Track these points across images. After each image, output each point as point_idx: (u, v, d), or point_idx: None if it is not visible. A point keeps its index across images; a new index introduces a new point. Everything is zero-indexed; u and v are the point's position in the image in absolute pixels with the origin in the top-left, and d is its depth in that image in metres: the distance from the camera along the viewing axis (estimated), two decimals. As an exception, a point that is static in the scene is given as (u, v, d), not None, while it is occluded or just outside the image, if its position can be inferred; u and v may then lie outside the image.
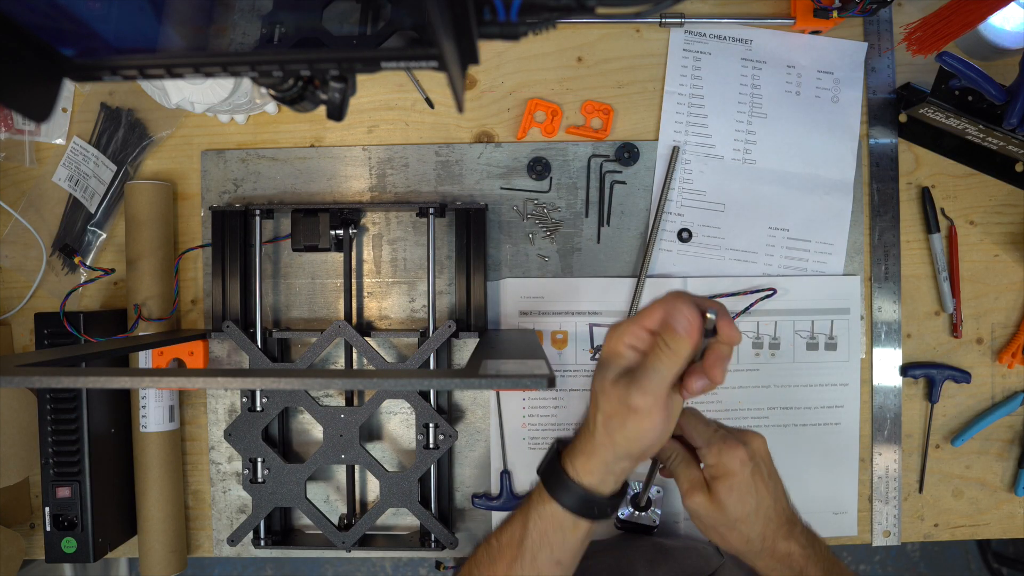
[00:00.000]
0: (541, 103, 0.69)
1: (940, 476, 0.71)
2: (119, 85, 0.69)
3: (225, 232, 0.66)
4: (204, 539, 0.71)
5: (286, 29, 0.35)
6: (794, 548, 0.48)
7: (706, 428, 0.49)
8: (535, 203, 0.69)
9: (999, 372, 0.70)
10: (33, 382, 0.37)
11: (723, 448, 0.48)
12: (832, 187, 0.69)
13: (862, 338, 0.69)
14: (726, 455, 0.47)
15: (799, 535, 0.49)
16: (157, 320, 0.66)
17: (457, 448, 0.70)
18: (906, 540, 0.70)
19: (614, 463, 0.44)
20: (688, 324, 0.41)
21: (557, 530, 0.46)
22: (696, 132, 0.69)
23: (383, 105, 0.70)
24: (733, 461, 0.47)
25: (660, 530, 0.65)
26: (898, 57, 0.69)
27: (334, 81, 0.29)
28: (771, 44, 0.68)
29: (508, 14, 0.25)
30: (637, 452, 0.44)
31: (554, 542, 0.46)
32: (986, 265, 0.70)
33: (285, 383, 0.36)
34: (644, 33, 0.69)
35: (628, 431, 0.43)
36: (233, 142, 0.70)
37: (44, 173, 0.69)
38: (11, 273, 0.70)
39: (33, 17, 0.24)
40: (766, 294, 0.68)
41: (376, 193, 0.69)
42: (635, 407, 0.42)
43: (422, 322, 0.70)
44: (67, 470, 0.62)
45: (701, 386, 0.43)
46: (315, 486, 0.70)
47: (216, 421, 0.70)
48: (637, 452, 0.44)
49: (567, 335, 0.69)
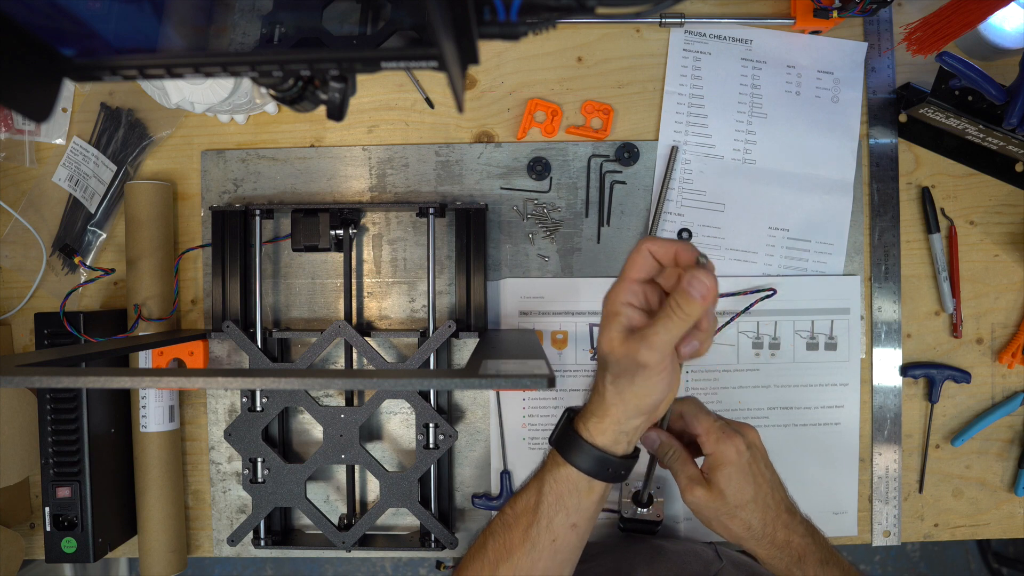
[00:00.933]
0: (541, 103, 0.69)
1: (940, 476, 0.71)
2: (119, 85, 0.69)
3: (225, 232, 0.66)
4: (204, 539, 0.71)
5: (286, 29, 0.35)
6: (794, 537, 0.50)
7: (707, 416, 0.51)
8: (535, 203, 0.69)
9: (999, 372, 0.70)
10: (33, 382, 0.37)
11: (721, 436, 0.49)
12: (832, 187, 0.69)
13: (862, 338, 0.69)
14: (724, 443, 0.49)
15: (798, 525, 0.51)
16: (157, 320, 0.66)
17: (457, 448, 0.70)
18: (906, 540, 0.70)
19: (625, 421, 0.46)
20: (705, 291, 0.42)
21: (572, 492, 0.47)
22: (696, 132, 0.69)
23: (383, 105, 0.70)
24: (730, 449, 0.49)
25: (660, 531, 0.65)
26: (898, 57, 0.69)
27: (334, 81, 0.29)
28: (771, 44, 0.68)
29: (508, 14, 0.25)
30: (647, 408, 0.45)
31: (569, 505, 0.47)
32: (986, 265, 0.70)
33: (285, 383, 0.36)
34: (644, 33, 0.69)
35: (637, 387, 0.44)
36: (233, 142, 0.70)
37: (44, 173, 0.69)
38: (11, 273, 0.70)
39: (33, 17, 0.24)
40: (766, 294, 0.68)
41: (376, 193, 0.69)
42: (644, 363, 0.43)
43: (422, 322, 0.70)
44: (67, 470, 0.62)
45: (691, 349, 0.44)
46: (315, 486, 0.70)
47: (216, 421, 0.70)
48: (647, 408, 0.45)
49: (567, 335, 0.69)
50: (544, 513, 0.47)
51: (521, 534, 0.48)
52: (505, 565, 0.48)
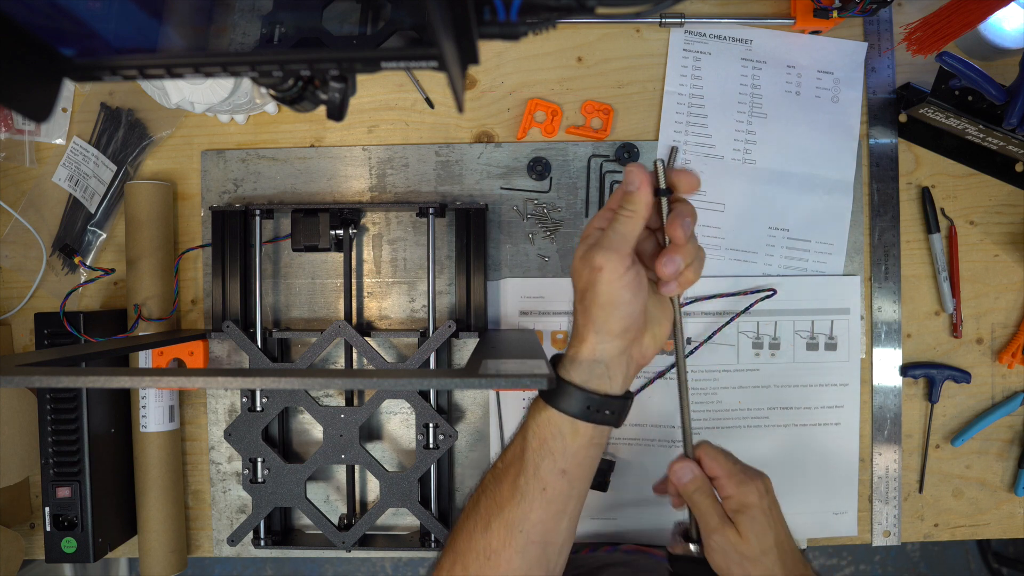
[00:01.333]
0: (541, 103, 0.69)
1: (940, 476, 0.71)
2: (119, 85, 0.69)
3: (225, 232, 0.66)
4: (204, 539, 0.71)
5: (286, 29, 0.35)
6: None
7: (726, 459, 0.48)
8: (535, 203, 0.69)
9: (999, 372, 0.70)
10: (33, 382, 0.37)
11: (743, 479, 0.47)
12: (832, 187, 0.69)
13: (862, 338, 0.69)
14: (746, 486, 0.47)
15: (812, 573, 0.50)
16: (157, 320, 0.66)
17: (457, 448, 0.70)
18: (906, 540, 0.70)
19: (598, 346, 0.44)
20: (637, 179, 0.42)
21: (556, 436, 0.45)
22: (696, 132, 0.69)
23: (383, 105, 0.70)
24: (752, 493, 0.47)
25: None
26: (898, 57, 0.69)
27: (334, 81, 0.29)
28: (771, 44, 0.68)
29: (508, 14, 0.25)
30: (616, 328, 0.43)
31: (555, 449, 0.45)
32: (986, 265, 0.70)
33: (285, 383, 0.36)
34: (644, 33, 0.69)
35: (600, 299, 0.43)
36: (233, 142, 0.70)
37: (44, 173, 0.69)
38: (11, 273, 0.70)
39: (33, 17, 0.24)
40: (766, 294, 0.68)
41: (376, 193, 0.69)
42: (598, 266, 0.42)
43: (422, 322, 0.70)
44: (67, 470, 0.62)
45: (672, 268, 0.43)
46: (315, 486, 0.70)
47: (216, 421, 0.70)
48: (616, 328, 0.43)
49: (567, 335, 0.69)
50: (530, 460, 0.45)
51: (510, 485, 0.46)
52: (497, 519, 0.46)
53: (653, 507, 0.68)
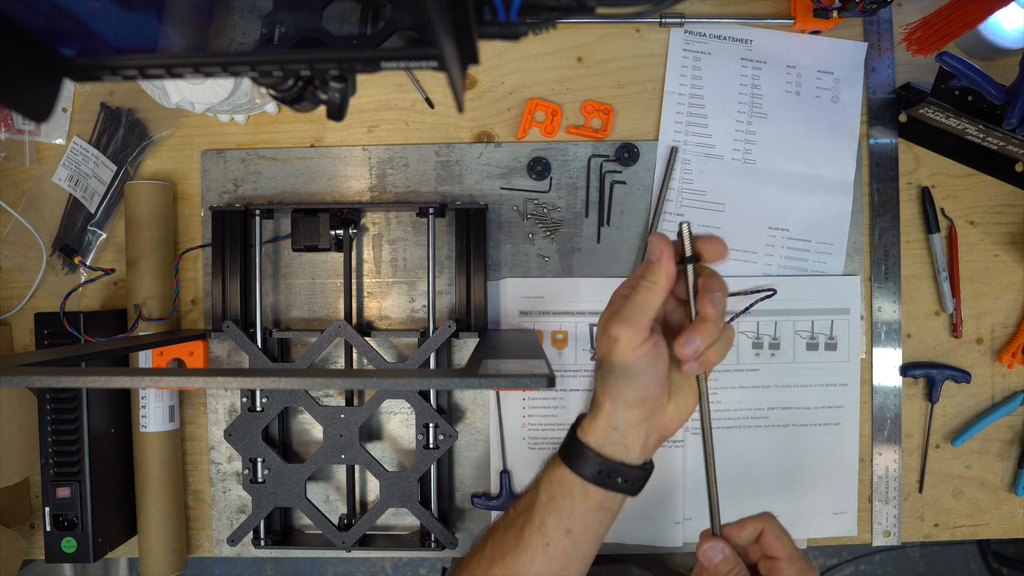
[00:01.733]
0: (541, 103, 0.69)
1: (940, 476, 0.71)
2: (119, 85, 0.69)
3: (225, 232, 0.66)
4: (204, 539, 0.71)
5: (286, 29, 0.35)
6: None
7: (790, 542, 0.46)
8: (535, 203, 0.69)
9: (999, 372, 0.70)
10: (33, 382, 0.37)
11: (804, 567, 0.45)
12: (832, 187, 0.69)
13: (862, 338, 0.69)
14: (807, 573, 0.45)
15: None
16: (157, 320, 0.66)
17: (457, 448, 0.70)
18: (906, 540, 0.70)
19: (615, 415, 0.44)
20: (658, 249, 0.41)
21: (566, 495, 0.45)
22: (696, 132, 0.69)
23: (383, 105, 0.70)
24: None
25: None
26: (898, 57, 0.69)
27: (334, 81, 0.29)
28: (771, 44, 0.68)
29: (508, 14, 0.25)
30: (633, 398, 0.43)
31: (562, 508, 0.45)
32: (986, 265, 0.70)
33: (285, 383, 0.36)
34: (644, 33, 0.69)
35: (616, 370, 0.43)
36: (233, 142, 0.70)
37: (44, 173, 0.69)
38: (11, 273, 0.70)
39: (33, 17, 0.24)
40: (766, 294, 0.68)
41: (376, 193, 0.69)
42: (614, 337, 0.42)
43: (422, 322, 0.70)
44: (67, 470, 0.62)
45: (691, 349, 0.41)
46: (315, 486, 0.70)
47: (216, 421, 0.70)
48: (633, 398, 0.43)
49: (567, 335, 0.69)
50: (537, 513, 0.46)
51: (516, 534, 0.47)
52: (499, 565, 0.47)
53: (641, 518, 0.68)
